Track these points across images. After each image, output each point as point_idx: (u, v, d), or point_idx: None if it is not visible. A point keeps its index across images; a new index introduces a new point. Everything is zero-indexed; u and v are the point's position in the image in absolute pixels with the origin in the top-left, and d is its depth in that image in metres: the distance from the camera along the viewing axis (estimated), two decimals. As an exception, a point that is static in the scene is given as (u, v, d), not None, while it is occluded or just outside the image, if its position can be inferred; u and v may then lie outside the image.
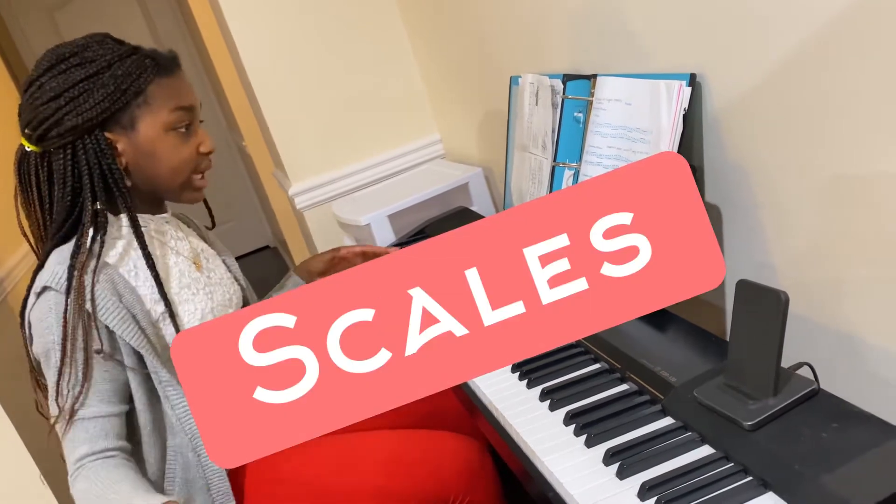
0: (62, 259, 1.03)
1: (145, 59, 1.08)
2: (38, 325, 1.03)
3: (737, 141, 1.05)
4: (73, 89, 1.03)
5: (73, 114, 1.03)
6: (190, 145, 1.13)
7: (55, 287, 1.01)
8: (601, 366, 1.05)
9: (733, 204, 1.10)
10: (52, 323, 1.01)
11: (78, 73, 1.04)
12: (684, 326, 1.05)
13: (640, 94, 1.13)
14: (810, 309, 1.02)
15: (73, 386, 1.00)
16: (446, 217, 1.92)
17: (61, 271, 1.02)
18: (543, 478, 0.88)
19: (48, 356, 1.02)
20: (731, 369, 0.87)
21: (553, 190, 1.40)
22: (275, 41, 2.13)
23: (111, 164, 1.06)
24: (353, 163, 2.28)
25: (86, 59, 1.05)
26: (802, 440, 0.77)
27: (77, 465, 1.00)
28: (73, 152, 1.05)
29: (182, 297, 1.13)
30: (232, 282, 1.27)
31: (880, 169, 0.84)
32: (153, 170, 1.11)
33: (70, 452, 1.01)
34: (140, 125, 1.08)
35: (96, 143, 1.05)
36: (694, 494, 0.76)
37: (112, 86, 1.05)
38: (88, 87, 1.04)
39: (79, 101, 1.03)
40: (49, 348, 1.02)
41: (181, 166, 1.13)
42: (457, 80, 2.03)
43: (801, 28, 0.87)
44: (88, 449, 1.00)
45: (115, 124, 1.07)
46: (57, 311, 1.01)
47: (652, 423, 0.90)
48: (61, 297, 1.01)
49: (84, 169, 1.05)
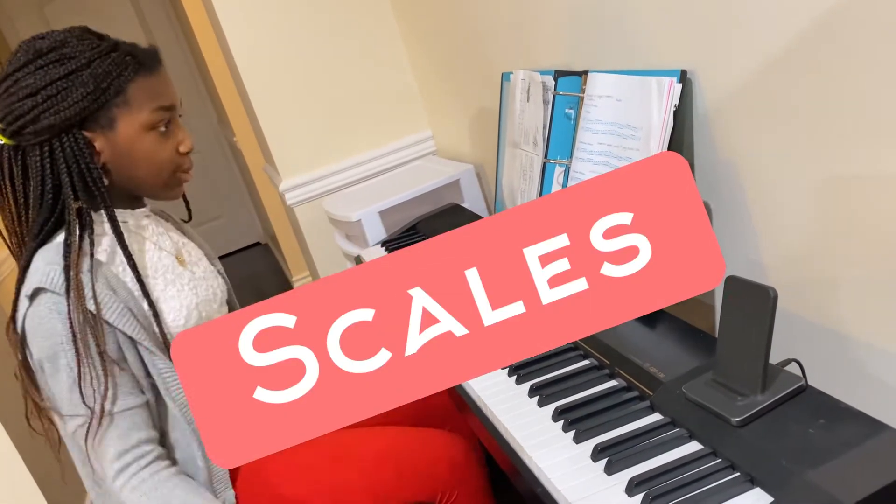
0: (51, 260, 1.00)
1: (126, 57, 1.05)
2: (38, 329, 0.99)
3: (727, 138, 1.05)
4: (50, 87, 1.00)
5: (51, 112, 1.00)
6: (169, 145, 1.10)
7: (51, 288, 0.98)
8: (590, 362, 1.05)
9: (723, 201, 1.11)
10: (57, 324, 0.98)
11: (56, 71, 1.00)
12: (673, 323, 1.05)
13: (630, 90, 1.13)
14: (799, 306, 1.03)
15: (97, 385, 0.99)
16: (437, 214, 1.92)
17: (54, 272, 0.99)
18: (532, 473, 0.87)
19: (55, 359, 0.99)
20: (719, 365, 0.87)
21: (544, 186, 1.39)
22: (266, 36, 2.12)
23: (89, 164, 1.03)
24: (344, 159, 2.28)
25: (64, 55, 1.01)
26: (790, 436, 0.77)
27: (119, 468, 1.01)
28: (49, 150, 1.02)
29: (168, 293, 1.12)
30: (215, 276, 1.25)
31: (871, 167, 0.85)
32: (132, 169, 1.09)
33: (105, 451, 1.01)
34: (119, 125, 1.05)
35: (74, 141, 1.02)
36: (681, 490, 0.76)
37: (91, 85, 1.01)
38: (67, 85, 1.00)
39: (57, 99, 1.00)
40: (56, 351, 0.99)
41: (161, 166, 1.10)
42: (449, 77, 2.03)
43: (791, 25, 0.87)
44: (124, 445, 1.01)
45: (93, 123, 1.04)
46: (59, 311, 0.98)
47: (640, 419, 0.90)
48: (59, 297, 0.98)
49: (62, 167, 1.02)
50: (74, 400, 1.00)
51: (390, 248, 1.79)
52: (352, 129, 2.26)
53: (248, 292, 4.12)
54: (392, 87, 2.27)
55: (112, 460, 1.02)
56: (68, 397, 1.00)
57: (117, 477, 1.02)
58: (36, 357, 1.01)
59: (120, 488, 1.02)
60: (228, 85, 3.42)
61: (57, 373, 1.00)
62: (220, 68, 3.39)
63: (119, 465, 1.02)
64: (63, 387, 1.00)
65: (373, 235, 1.91)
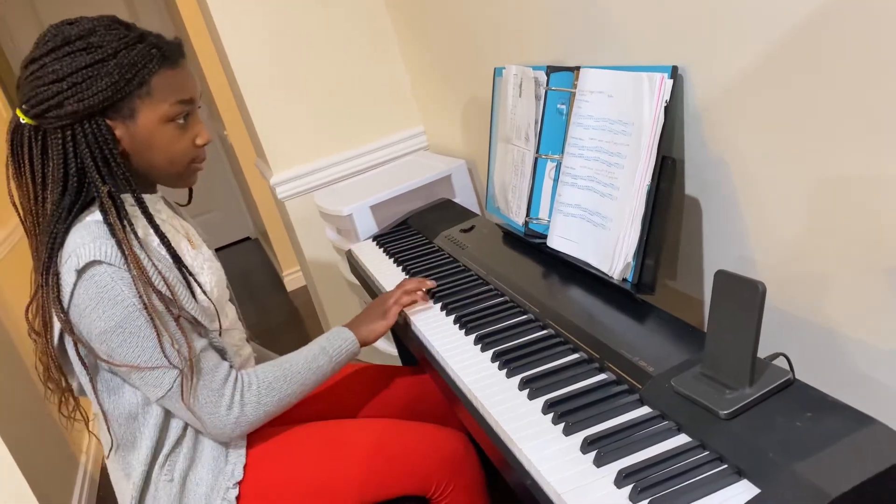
0: (98, 235, 1.02)
1: (151, 49, 1.07)
2: (103, 298, 1.01)
3: (717, 134, 1.06)
4: (76, 74, 1.02)
5: (75, 99, 1.02)
6: (186, 137, 1.13)
7: (106, 260, 1.00)
8: (580, 356, 1.05)
9: (713, 196, 1.11)
10: (124, 289, 1.01)
11: (83, 59, 1.02)
12: (663, 317, 1.06)
13: (622, 86, 1.14)
14: (787, 301, 1.04)
15: (175, 338, 1.04)
16: (429, 209, 1.92)
17: (106, 246, 1.01)
18: (522, 465, 0.88)
19: (125, 324, 1.01)
20: (708, 359, 0.88)
21: (535, 182, 1.40)
22: (259, 30, 2.11)
23: (112, 150, 1.06)
24: (335, 153, 2.27)
25: (92, 44, 1.03)
26: (777, 429, 0.77)
27: (227, 403, 1.08)
28: (72, 135, 1.04)
29: (195, 270, 1.16)
30: (216, 259, 1.29)
31: (860, 165, 0.85)
32: (149, 158, 1.11)
33: (210, 381, 1.08)
34: (140, 115, 1.08)
35: (96, 128, 1.05)
36: (670, 482, 0.76)
37: (117, 75, 1.03)
38: (93, 73, 1.03)
39: (82, 87, 1.02)
40: (127, 315, 1.01)
41: (177, 158, 1.13)
42: (441, 72, 2.03)
43: (783, 23, 0.88)
44: (224, 367, 1.10)
45: (115, 112, 1.06)
46: (122, 279, 1.01)
47: (630, 412, 0.90)
48: (117, 269, 1.01)
49: (85, 152, 1.04)
50: (157, 360, 1.03)
51: (381, 243, 1.79)
52: (344, 124, 2.26)
53: (238, 287, 4.10)
54: (384, 81, 2.27)
55: (215, 402, 1.08)
56: (150, 358, 1.03)
57: (230, 410, 1.09)
58: (103, 328, 1.02)
59: (237, 418, 1.09)
60: (220, 78, 3.41)
61: (136, 334, 1.02)
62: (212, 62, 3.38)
63: (226, 401, 1.08)
64: (144, 348, 1.03)
65: (364, 230, 1.91)
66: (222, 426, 1.09)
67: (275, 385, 1.13)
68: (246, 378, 1.12)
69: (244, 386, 1.11)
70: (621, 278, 1.14)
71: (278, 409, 1.14)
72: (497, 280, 1.35)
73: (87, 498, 2.45)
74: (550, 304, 1.19)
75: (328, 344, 1.21)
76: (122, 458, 1.13)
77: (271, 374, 1.14)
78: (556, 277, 1.28)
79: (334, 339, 1.22)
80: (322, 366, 1.19)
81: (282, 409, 1.15)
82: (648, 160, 1.08)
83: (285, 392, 1.14)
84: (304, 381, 1.16)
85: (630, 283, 1.12)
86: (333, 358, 1.20)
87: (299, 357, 1.18)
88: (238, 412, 1.09)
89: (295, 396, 1.16)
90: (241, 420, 1.10)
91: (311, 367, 1.17)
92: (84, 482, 2.48)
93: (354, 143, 2.29)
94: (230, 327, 1.26)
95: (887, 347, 0.91)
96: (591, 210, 1.20)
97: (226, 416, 1.09)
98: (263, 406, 1.11)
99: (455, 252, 1.57)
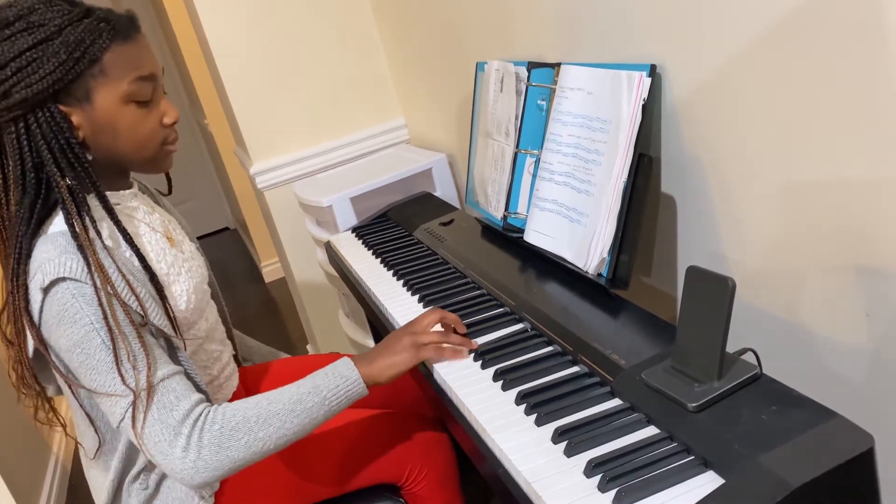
0: (60, 247, 0.94)
1: (100, 23, 0.97)
2: (64, 317, 0.93)
3: (694, 132, 1.08)
4: (19, 58, 0.93)
5: (22, 86, 0.93)
6: (152, 118, 1.04)
7: (70, 276, 0.93)
8: (554, 348, 1.07)
9: (688, 194, 1.13)
10: (83, 306, 0.93)
11: (25, 40, 0.93)
12: (636, 312, 1.08)
13: (601, 83, 1.15)
14: (756, 297, 1.06)
15: (137, 360, 0.94)
16: (409, 202, 1.93)
17: (70, 260, 0.93)
18: (493, 455, 0.89)
19: (83, 344, 0.93)
20: (678, 353, 0.89)
21: (514, 176, 1.41)
22: (241, 18, 2.10)
23: (69, 139, 0.97)
24: (316, 144, 2.27)
25: (32, 23, 0.94)
26: (743, 422, 0.79)
27: (184, 443, 0.93)
28: (25, 127, 0.95)
29: (170, 279, 1.09)
30: (198, 254, 1.23)
31: (833, 165, 0.87)
32: (113, 145, 1.02)
33: (167, 416, 0.94)
34: (96, 97, 0.98)
35: (50, 116, 0.96)
36: (638, 472, 0.78)
37: (64, 54, 0.94)
38: (37, 55, 0.93)
39: (27, 71, 0.93)
40: (84, 334, 0.93)
41: (146, 141, 1.04)
42: (423, 65, 2.03)
43: (760, 20, 0.90)
44: (189, 401, 0.95)
45: (68, 96, 0.97)
46: (83, 295, 0.93)
47: (601, 404, 0.92)
48: (79, 284, 0.93)
49: (41, 144, 0.96)
50: (111, 384, 0.94)
51: (361, 235, 1.80)
52: (325, 115, 2.26)
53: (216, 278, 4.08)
54: (366, 73, 2.27)
55: (184, 418, 0.94)
56: (104, 382, 0.94)
57: (185, 452, 0.93)
58: (65, 346, 0.95)
59: (194, 462, 0.93)
60: (200, 65, 3.38)
61: (92, 355, 0.94)
62: (193, 50, 3.35)
63: (182, 441, 0.94)
64: (102, 369, 0.94)
65: (343, 222, 1.91)
66: (179, 471, 0.94)
67: (242, 426, 0.95)
68: (211, 415, 0.96)
69: (205, 424, 0.95)
70: (596, 273, 1.15)
71: (250, 457, 0.96)
72: (474, 273, 1.36)
73: (59, 486, 2.43)
74: (526, 297, 1.20)
75: (323, 382, 1.02)
76: (103, 458, 1.09)
77: (243, 412, 0.97)
78: (533, 271, 1.30)
79: (331, 377, 1.02)
80: (310, 408, 1.00)
81: (256, 457, 0.97)
82: (625, 157, 1.10)
83: (256, 436, 0.96)
84: (283, 425, 0.98)
85: (605, 278, 1.14)
86: (328, 400, 1.01)
87: (283, 395, 1.00)
88: (195, 456, 0.93)
89: (272, 443, 0.97)
90: (199, 465, 0.93)
91: (296, 410, 0.99)
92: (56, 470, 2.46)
93: (336, 134, 2.29)
94: (210, 330, 1.20)
95: (851, 343, 0.93)
96: (567, 206, 1.22)
97: (181, 460, 0.93)
98: (226, 450, 0.94)
99: (434, 245, 1.57)
